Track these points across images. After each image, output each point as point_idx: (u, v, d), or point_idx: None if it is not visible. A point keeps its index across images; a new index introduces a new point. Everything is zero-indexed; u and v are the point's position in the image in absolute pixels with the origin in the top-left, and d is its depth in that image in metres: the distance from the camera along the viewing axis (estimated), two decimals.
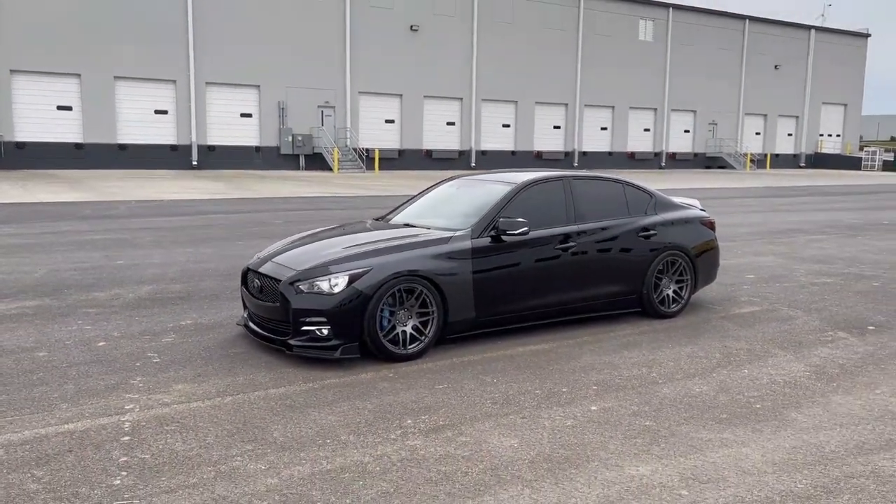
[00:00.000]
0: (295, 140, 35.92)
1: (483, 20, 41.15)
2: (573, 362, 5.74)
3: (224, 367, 5.48)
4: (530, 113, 44.01)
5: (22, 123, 31.52)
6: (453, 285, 5.88)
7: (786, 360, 5.84)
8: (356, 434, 4.25)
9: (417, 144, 40.12)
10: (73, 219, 14.97)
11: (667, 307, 7.19)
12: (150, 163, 33.48)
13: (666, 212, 7.35)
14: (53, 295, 8.03)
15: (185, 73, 33.84)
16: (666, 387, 5.18)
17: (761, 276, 9.64)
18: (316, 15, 36.32)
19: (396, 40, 38.63)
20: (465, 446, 4.10)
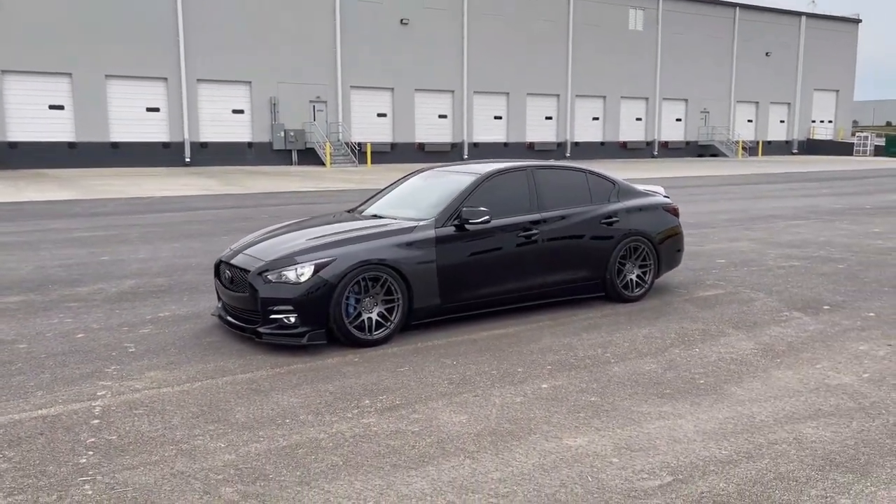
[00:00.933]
0: (287, 135, 36.10)
1: (473, 13, 41.26)
2: (532, 344, 5.98)
3: (196, 355, 5.72)
4: (522, 104, 44.18)
5: (14, 123, 31.68)
6: (417, 273, 6.11)
7: (737, 339, 6.08)
8: (315, 414, 4.49)
9: (410, 138, 40.30)
10: (63, 217, 15.18)
11: (630, 291, 7.43)
12: (142, 160, 33.66)
13: (628, 199, 7.58)
14: (38, 290, 8.25)
15: (176, 71, 33.99)
16: (617, 366, 5.42)
17: (732, 261, 9.87)
18: (306, 10, 36.45)
19: (387, 34, 38.76)
20: (417, 423, 4.34)
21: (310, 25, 36.56)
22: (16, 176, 26.97)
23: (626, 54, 47.54)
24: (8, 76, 31.28)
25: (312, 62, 36.88)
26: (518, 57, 43.09)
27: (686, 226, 13.69)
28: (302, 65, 36.57)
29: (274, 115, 36.23)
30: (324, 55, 37.17)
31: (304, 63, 36.64)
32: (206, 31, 34.15)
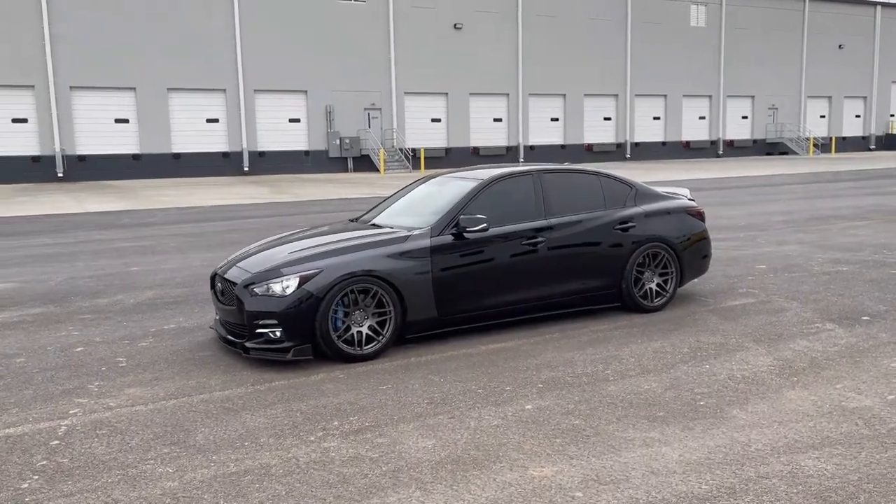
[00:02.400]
0: (342, 143, 36.38)
1: (527, 14, 40.81)
2: (530, 360, 5.64)
3: (183, 371, 5.59)
4: (579, 105, 43.43)
5: (83, 137, 32.85)
6: (411, 285, 5.85)
7: (755, 355, 5.59)
8: (277, 436, 4.28)
9: (464, 142, 40.09)
10: (110, 227, 15.52)
11: (650, 301, 6.99)
12: (203, 170, 34.44)
13: (647, 203, 7.14)
14: (59, 302, 8.34)
15: (234, 82, 34.69)
16: (615, 384, 5.03)
17: (773, 267, 9.26)
18: (361, 19, 36.70)
19: (440, 39, 38.69)
20: (379, 448, 4.07)
21: (364, 34, 36.79)
22: (81, 188, 27.91)
23: (687, 51, 46.21)
24: (76, 92, 32.47)
25: (367, 70, 37.08)
26: (574, 57, 42.38)
27: (734, 228, 13.05)
28: (356, 73, 36.82)
29: (329, 123, 36.57)
30: (378, 62, 37.34)
31: (359, 71, 36.87)
32: (263, 41, 34.74)
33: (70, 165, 32.43)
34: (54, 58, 31.53)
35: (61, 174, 32.14)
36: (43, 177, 31.93)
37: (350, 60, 36.60)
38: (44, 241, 13.51)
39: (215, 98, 34.75)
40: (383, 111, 37.84)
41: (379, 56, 37.36)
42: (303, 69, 35.71)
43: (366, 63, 37.05)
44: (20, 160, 31.82)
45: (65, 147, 32.34)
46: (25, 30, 30.85)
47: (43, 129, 32.03)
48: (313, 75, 35.96)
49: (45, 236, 14.29)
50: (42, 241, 13.52)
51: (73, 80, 32.04)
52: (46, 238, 14.01)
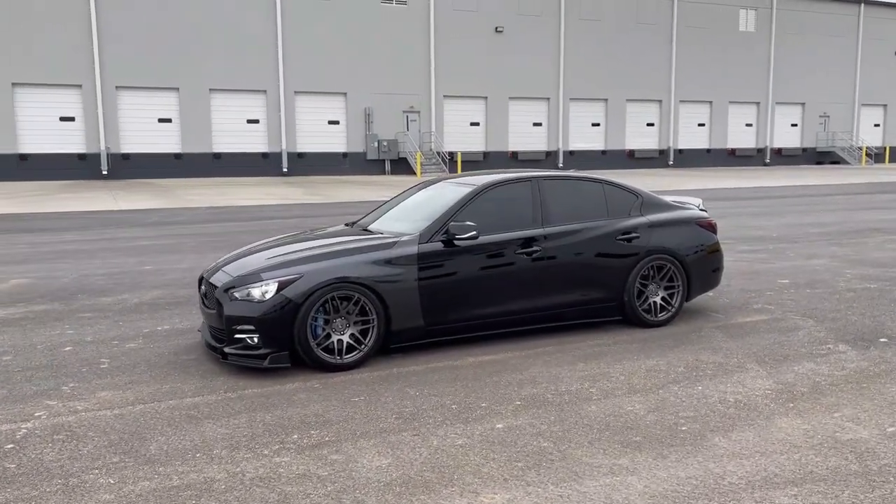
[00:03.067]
0: (380, 145, 36.43)
1: (570, 18, 40.35)
2: (516, 374, 5.40)
3: (160, 375, 5.50)
4: (621, 111, 42.77)
5: (127, 136, 33.50)
6: (396, 293, 5.66)
7: (754, 377, 5.26)
8: (231, 448, 4.13)
9: (503, 146, 39.81)
10: (137, 225, 15.69)
11: (653, 316, 6.67)
12: (242, 170, 34.81)
13: (653, 213, 6.83)
14: (65, 299, 8.37)
15: (275, 84, 35.01)
16: (597, 404, 4.76)
17: (796, 282, 8.83)
18: (401, 21, 36.73)
19: (481, 42, 38.49)
20: (331, 465, 3.89)
21: (405, 36, 36.80)
22: (122, 186, 28.42)
23: (735, 56, 45.16)
24: (122, 91, 33.12)
25: (406, 72, 37.08)
26: (617, 62, 41.76)
27: (765, 240, 12.57)
28: (396, 75, 36.84)
29: (368, 125, 36.66)
30: (418, 65, 37.31)
31: (399, 73, 36.89)
32: (304, 43, 35.00)
33: (114, 163, 33.09)
34: (101, 58, 32.22)
35: (106, 172, 32.81)
36: (88, 174, 32.63)
37: (390, 63, 36.65)
38: (69, 238, 13.70)
39: (256, 99, 35.12)
40: (422, 114, 37.79)
41: (419, 59, 37.33)
42: (343, 71, 35.87)
43: (406, 66, 37.06)
44: (67, 157, 32.59)
45: (110, 145, 33.01)
46: (74, 30, 31.59)
47: (89, 128, 32.75)
48: (353, 77, 36.10)
49: (73, 233, 14.50)
50: (68, 238, 13.71)
51: (119, 79, 32.69)
52: (73, 235, 14.21)
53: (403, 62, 36.99)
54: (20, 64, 30.99)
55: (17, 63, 30.93)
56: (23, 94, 31.78)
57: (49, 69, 31.50)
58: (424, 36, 37.28)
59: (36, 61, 31.19)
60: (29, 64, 31.11)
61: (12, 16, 30.63)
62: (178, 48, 33.21)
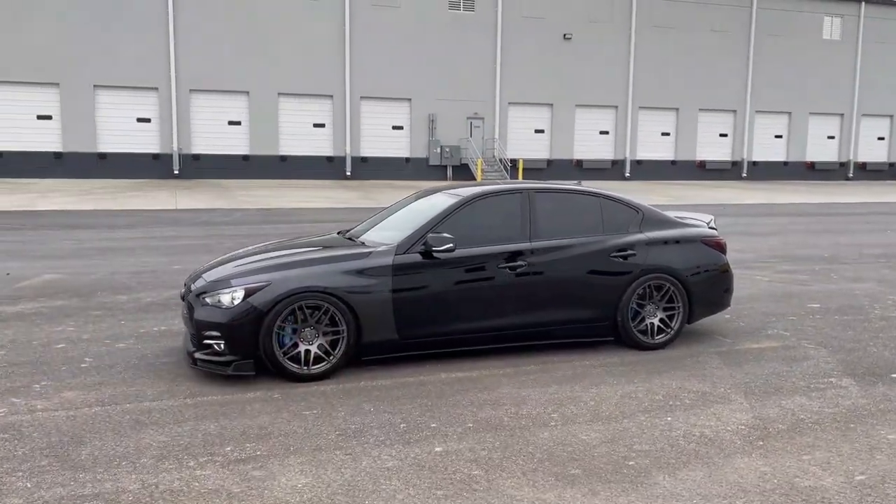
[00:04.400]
0: (443, 151, 36.47)
1: (641, 25, 39.48)
2: (482, 394, 5.19)
3: (131, 377, 5.53)
4: (693, 120, 41.53)
5: (199, 137, 34.56)
6: (367, 304, 5.55)
7: (734, 410, 4.90)
8: (159, 458, 4.08)
9: (567, 154, 39.23)
10: (186, 224, 16.10)
11: (650, 338, 6.34)
12: (308, 173, 35.41)
13: (654, 230, 6.49)
14: (85, 296, 8.60)
15: (341, 88, 35.50)
16: (552, 430, 4.52)
17: (827, 307, 8.27)
18: (468, 28, 36.69)
19: (548, 50, 38.06)
20: (248, 482, 3.80)
21: (472, 43, 36.74)
22: (189, 185, 29.31)
23: (817, 66, 43.23)
24: (195, 94, 34.22)
25: (471, 79, 37.01)
26: (690, 70, 40.60)
27: (812, 260, 11.90)
28: (461, 82, 36.81)
29: (431, 131, 36.76)
30: (483, 72, 37.19)
31: (464, 80, 36.85)
32: (371, 50, 35.37)
33: (185, 164, 34.18)
34: (177, 62, 33.36)
35: (177, 172, 33.92)
36: (161, 174, 33.80)
37: (455, 69, 36.65)
38: (116, 235, 14.15)
39: (323, 104, 35.67)
40: (486, 120, 37.63)
41: (485, 65, 37.21)
42: (408, 77, 36.07)
43: (471, 72, 36.98)
44: (142, 157, 33.85)
45: (182, 146, 34.13)
46: (153, 35, 32.81)
47: (163, 129, 33.93)
48: (418, 83, 36.25)
49: (122, 230, 14.97)
50: (115, 235, 14.16)
51: (192, 83, 33.76)
52: (122, 232, 14.68)
53: (469, 68, 36.93)
54: (102, 67, 32.38)
55: (99, 66, 32.33)
56: (103, 95, 33.19)
57: (128, 72, 32.80)
58: (491, 42, 37.14)
59: (116, 65, 32.53)
60: (110, 67, 32.48)
61: (96, 22, 32.05)
62: (249, 53, 34.08)
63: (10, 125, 32.11)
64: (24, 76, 31.63)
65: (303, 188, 29.27)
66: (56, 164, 32.52)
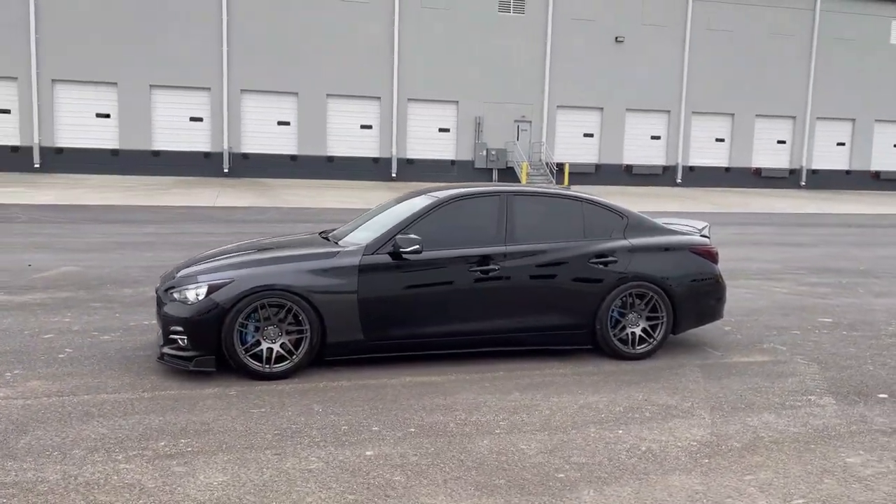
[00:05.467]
0: (489, 154, 36.34)
1: (697, 28, 38.60)
2: (439, 399, 5.10)
3: (100, 369, 5.62)
4: (749, 126, 40.39)
5: (248, 137, 35.24)
6: (332, 304, 5.51)
7: (692, 425, 4.69)
8: (91, 451, 4.11)
9: (616, 159, 38.62)
10: (219, 221, 16.40)
11: (630, 347, 6.13)
12: (355, 174, 35.72)
13: (638, 236, 6.28)
14: (92, 289, 8.82)
15: (389, 90, 35.72)
16: (493, 439, 4.39)
17: (839, 322, 7.89)
18: (518, 30, 36.51)
19: (599, 53, 37.56)
20: (167, 477, 3.79)
21: (521, 45, 36.54)
22: (234, 184, 29.91)
23: (884, 71, 41.55)
24: (245, 94, 34.91)
25: (520, 82, 36.79)
26: (747, 75, 39.50)
27: (843, 273, 11.41)
28: (509, 84, 36.63)
29: (478, 134, 36.67)
30: (532, 75, 36.93)
31: (512, 83, 36.66)
32: (419, 52, 35.50)
33: (235, 162, 34.88)
34: (229, 63, 34.09)
35: (226, 170, 34.65)
36: (211, 172, 34.57)
37: (504, 72, 36.49)
38: (145, 231, 14.50)
39: (370, 105, 35.96)
40: (533, 124, 37.35)
41: (534, 68, 36.94)
42: (456, 79, 36.06)
43: (519, 75, 36.77)
44: (194, 155, 34.69)
45: (232, 145, 34.85)
46: (207, 37, 33.60)
47: (215, 128, 34.72)
48: (466, 86, 36.21)
49: (153, 226, 15.35)
50: (144, 230, 14.51)
51: (243, 84, 34.44)
52: (152, 227, 15.04)
53: (517, 71, 36.72)
54: (157, 67, 33.31)
55: (154, 66, 33.26)
56: (159, 94, 34.14)
57: (182, 72, 33.66)
58: (541, 45, 36.85)
59: (171, 65, 33.41)
60: (165, 67, 33.38)
61: (152, 22, 33.00)
62: (298, 55, 34.59)
63: (72, 122, 33.31)
64: (84, 76, 32.78)
65: (346, 188, 29.54)
66: (113, 160, 33.57)
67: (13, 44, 31.71)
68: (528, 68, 36.90)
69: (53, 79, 32.65)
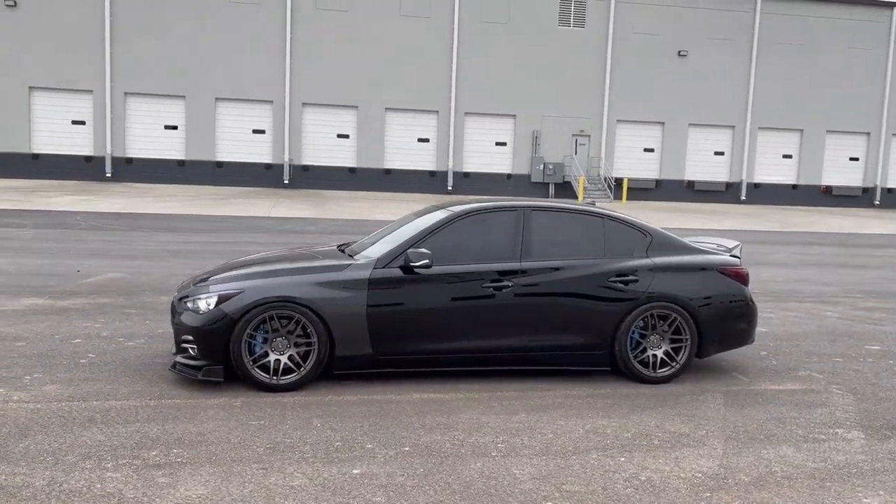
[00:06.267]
0: (546, 168, 36.05)
1: (765, 41, 37.55)
2: (442, 418, 4.98)
3: (116, 375, 5.70)
4: (819, 143, 38.99)
5: (309, 149, 35.86)
6: (341, 316, 5.47)
7: (701, 455, 4.44)
8: (83, 457, 4.15)
9: (678, 175, 37.77)
10: (265, 231, 16.66)
11: (651, 370, 5.89)
12: (411, 187, 35.93)
13: (664, 255, 6.04)
14: (132, 295, 9.03)
15: (446, 104, 35.86)
16: (487, 462, 4.25)
17: (888, 350, 7.44)
18: (577, 44, 36.20)
19: (662, 67, 36.89)
20: (148, 488, 3.79)
21: (580, 59, 36.21)
22: (291, 195, 30.42)
23: None
24: (307, 108, 35.57)
25: (579, 95, 36.43)
26: (818, 90, 38.17)
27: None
28: (568, 98, 36.31)
29: (535, 147, 36.44)
30: (591, 88, 36.52)
31: (570, 97, 36.33)
32: (478, 66, 35.53)
33: (295, 174, 35.52)
34: (292, 77, 34.81)
35: (287, 181, 35.29)
36: (272, 183, 35.27)
37: (562, 86, 36.19)
38: (195, 239, 14.83)
39: (428, 119, 36.14)
40: (592, 138, 36.90)
41: (593, 82, 36.54)
42: (514, 93, 35.96)
43: (578, 89, 36.41)
44: (256, 167, 35.47)
45: (293, 157, 35.51)
46: (270, 51, 34.40)
47: (276, 140, 35.44)
48: (523, 99, 36.06)
49: (202, 234, 15.69)
50: (193, 239, 14.84)
51: (305, 97, 35.11)
52: (201, 236, 15.37)
53: (576, 85, 36.37)
54: (222, 80, 34.26)
55: (220, 80, 34.23)
56: (224, 108, 35.09)
57: (246, 86, 34.53)
58: (601, 59, 36.43)
59: (235, 78, 34.32)
60: (230, 81, 34.30)
61: (220, 39, 33.97)
62: (359, 70, 35.04)
63: (142, 134, 34.48)
64: (155, 89, 33.92)
65: (401, 201, 29.70)
66: (179, 170, 34.60)
67: (90, 59, 33.07)
68: (587, 82, 36.51)
69: (126, 92, 33.87)
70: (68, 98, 33.65)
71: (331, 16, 35.04)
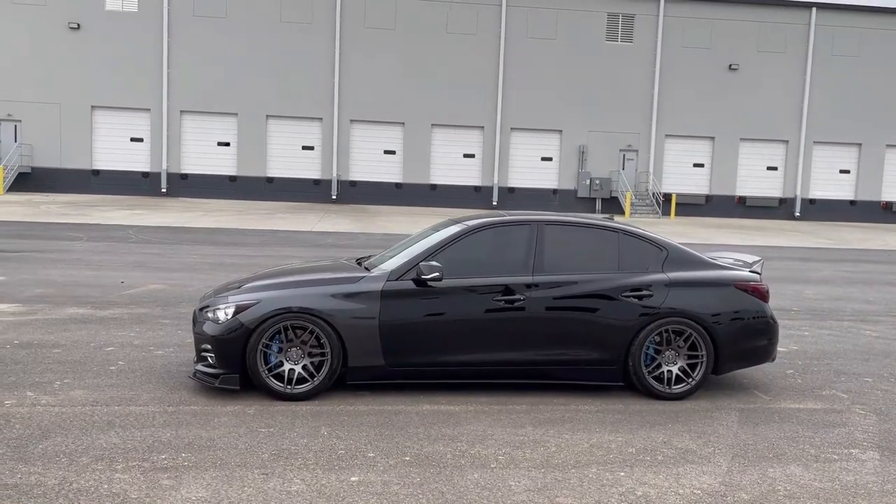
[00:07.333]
0: (592, 183, 35.80)
1: (820, 54, 36.72)
2: (448, 429, 5.03)
3: (141, 382, 5.91)
4: (879, 157, 37.84)
5: (357, 165, 36.39)
6: (354, 328, 5.58)
7: (703, 473, 4.39)
8: (96, 459, 4.33)
9: (729, 190, 37.08)
10: (306, 245, 16.96)
11: (666, 386, 5.84)
12: (457, 202, 36.05)
13: (680, 270, 5.99)
14: (170, 306, 9.32)
15: (492, 120, 35.99)
16: (486, 473, 4.29)
17: None
18: (625, 59, 35.98)
19: (711, 80, 36.37)
20: (152, 490, 3.94)
21: (627, 74, 35.97)
22: (338, 210, 30.88)
23: None
24: (355, 125, 36.14)
25: (626, 110, 36.15)
26: (876, 102, 37.09)
27: None
28: (615, 113, 36.06)
29: (581, 163, 36.25)
30: (639, 103, 36.21)
31: (618, 111, 36.08)
32: (524, 81, 35.61)
33: (343, 189, 36.05)
34: (340, 94, 35.43)
35: (335, 196, 35.84)
36: (320, 198, 35.84)
37: (609, 100, 35.98)
38: (238, 252, 15.20)
39: (473, 135, 36.31)
40: (640, 153, 36.54)
41: (641, 96, 36.22)
42: (560, 108, 35.88)
43: (626, 103, 36.14)
44: (305, 182, 36.11)
45: (340, 173, 36.07)
46: (320, 70, 35.09)
47: (325, 157, 36.06)
48: (570, 114, 35.95)
49: (246, 248, 16.06)
50: (236, 252, 15.21)
51: (353, 114, 35.68)
52: (244, 250, 15.74)
53: (624, 100, 36.11)
54: (273, 98, 35.08)
55: (270, 98, 35.05)
56: (274, 125, 35.91)
57: (296, 103, 35.28)
58: (649, 73, 36.11)
59: (285, 96, 35.10)
60: (280, 98, 35.11)
61: (269, 58, 34.81)
62: (406, 86, 35.47)
63: (196, 150, 35.48)
64: (207, 107, 34.89)
65: (443, 216, 29.77)
66: (230, 186, 35.46)
67: (148, 78, 34.23)
68: (635, 97, 36.22)
69: (182, 110, 34.92)
70: (127, 116, 34.84)
71: (378, 34, 35.58)
